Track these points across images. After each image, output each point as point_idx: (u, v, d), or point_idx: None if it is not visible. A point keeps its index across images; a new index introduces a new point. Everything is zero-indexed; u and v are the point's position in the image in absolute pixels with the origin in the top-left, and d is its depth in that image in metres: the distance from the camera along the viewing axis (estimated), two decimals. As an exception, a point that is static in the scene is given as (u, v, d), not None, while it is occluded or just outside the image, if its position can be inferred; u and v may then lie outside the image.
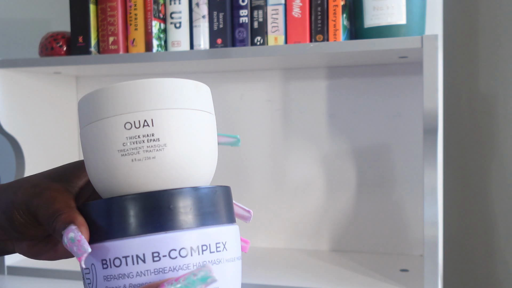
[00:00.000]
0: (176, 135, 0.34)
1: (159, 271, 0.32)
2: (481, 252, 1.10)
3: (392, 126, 1.01)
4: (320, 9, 0.87)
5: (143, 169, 0.34)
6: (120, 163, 0.34)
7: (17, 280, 0.95)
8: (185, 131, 0.35)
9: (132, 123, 0.34)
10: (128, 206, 0.33)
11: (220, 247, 0.34)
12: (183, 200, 0.34)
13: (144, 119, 0.34)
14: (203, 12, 0.92)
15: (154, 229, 0.33)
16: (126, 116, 0.34)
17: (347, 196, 1.04)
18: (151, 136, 0.34)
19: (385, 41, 0.80)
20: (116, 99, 0.34)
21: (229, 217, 0.37)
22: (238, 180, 1.09)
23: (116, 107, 0.34)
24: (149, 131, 0.34)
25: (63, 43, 1.00)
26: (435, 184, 0.78)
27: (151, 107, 0.34)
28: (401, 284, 0.84)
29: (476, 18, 1.09)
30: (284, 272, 0.91)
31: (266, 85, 1.07)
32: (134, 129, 0.34)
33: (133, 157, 0.34)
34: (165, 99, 0.34)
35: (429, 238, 0.78)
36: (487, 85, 1.06)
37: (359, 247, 1.04)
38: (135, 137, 0.34)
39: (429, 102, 0.76)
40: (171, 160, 0.34)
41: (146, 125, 0.34)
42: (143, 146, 0.34)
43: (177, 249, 0.33)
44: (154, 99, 0.34)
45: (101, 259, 0.33)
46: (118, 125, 0.34)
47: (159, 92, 0.34)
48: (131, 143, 0.34)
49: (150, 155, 0.34)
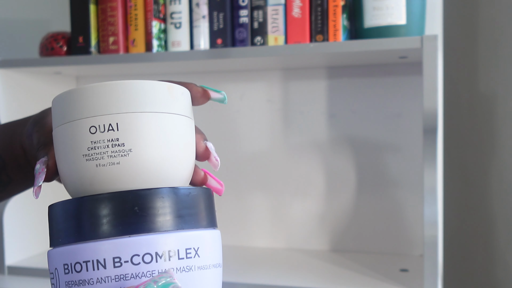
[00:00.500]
0: (142, 140, 0.33)
1: (120, 277, 0.30)
2: (481, 252, 1.10)
3: (392, 126, 1.01)
4: (320, 9, 0.87)
5: (107, 174, 0.33)
6: (85, 167, 0.33)
7: (17, 280, 0.95)
8: (154, 136, 0.33)
9: (97, 127, 0.33)
10: (87, 208, 0.32)
11: (191, 253, 0.32)
12: (149, 202, 0.32)
13: (109, 123, 0.32)
14: (203, 12, 0.92)
15: (116, 232, 0.31)
16: (91, 119, 0.33)
17: (347, 196, 1.04)
18: (116, 141, 0.32)
19: (385, 41, 0.80)
20: (83, 102, 0.33)
21: (206, 221, 0.34)
22: (237, 180, 1.09)
23: (83, 110, 0.33)
24: (114, 136, 0.32)
25: (63, 43, 1.00)
26: (435, 184, 0.78)
27: (116, 110, 0.33)
28: (401, 284, 0.84)
29: (476, 18, 1.09)
30: (284, 272, 0.91)
31: (266, 85, 1.07)
32: (99, 133, 0.32)
33: (97, 162, 0.33)
34: (132, 102, 0.33)
35: (429, 238, 0.78)
36: (487, 85, 1.06)
37: (359, 247, 1.04)
38: (99, 141, 0.32)
39: (429, 102, 0.76)
40: (137, 166, 0.33)
41: (111, 129, 0.32)
42: (107, 151, 0.32)
43: (140, 255, 0.30)
44: (120, 102, 0.33)
45: (63, 264, 0.32)
46: (84, 129, 0.33)
47: (126, 95, 0.33)
48: (96, 148, 0.33)
49: (115, 161, 0.32)
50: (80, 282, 0.31)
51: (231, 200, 1.10)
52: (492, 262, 1.05)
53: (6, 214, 0.98)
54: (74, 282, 0.31)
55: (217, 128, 1.10)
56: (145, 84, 0.34)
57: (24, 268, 0.98)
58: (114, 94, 0.33)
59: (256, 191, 1.09)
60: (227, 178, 1.10)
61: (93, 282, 0.31)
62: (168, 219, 0.32)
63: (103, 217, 0.31)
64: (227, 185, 1.10)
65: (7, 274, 0.98)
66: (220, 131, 1.10)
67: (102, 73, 1.12)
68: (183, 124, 0.35)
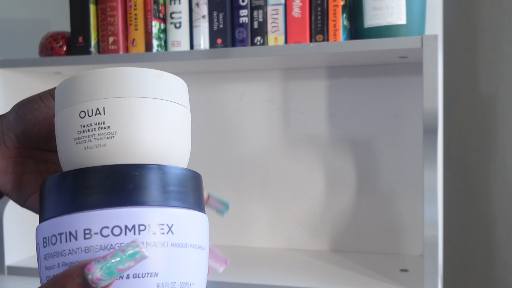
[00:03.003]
0: (128, 123, 0.34)
1: (89, 249, 0.31)
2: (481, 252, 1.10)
3: (392, 126, 1.01)
4: (320, 9, 0.87)
5: (95, 156, 0.34)
6: (75, 151, 0.34)
7: (17, 280, 0.95)
8: (139, 120, 0.34)
9: (85, 112, 0.34)
10: (62, 184, 0.33)
11: (164, 229, 0.32)
12: (122, 177, 0.32)
13: (97, 107, 0.34)
14: (203, 12, 0.92)
15: (87, 206, 0.32)
16: (81, 105, 0.34)
17: (347, 196, 1.04)
18: (102, 124, 0.34)
19: (385, 41, 0.80)
20: (74, 89, 0.35)
21: (185, 202, 0.35)
22: (237, 179, 1.09)
23: (74, 97, 0.35)
24: (100, 119, 0.34)
25: (63, 43, 1.00)
26: (435, 184, 0.78)
27: (103, 95, 0.34)
28: (401, 284, 0.84)
29: (476, 18, 1.09)
30: (284, 272, 0.91)
31: (266, 85, 1.07)
32: (87, 117, 0.34)
33: (85, 145, 0.34)
34: (118, 88, 0.34)
35: (429, 238, 0.78)
36: (487, 85, 1.06)
37: (359, 247, 1.04)
38: (88, 125, 0.34)
39: (429, 102, 0.76)
40: (122, 148, 0.34)
41: (98, 113, 0.34)
42: (94, 134, 0.34)
43: (110, 227, 0.31)
44: (107, 88, 0.34)
45: (42, 238, 0.33)
46: (74, 114, 0.35)
47: (114, 81, 0.34)
48: (84, 131, 0.34)
49: (101, 143, 0.34)
50: (55, 254, 0.32)
51: (231, 200, 1.10)
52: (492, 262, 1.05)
53: (6, 214, 0.98)
54: (50, 255, 0.32)
55: (217, 128, 1.10)
56: (133, 71, 0.35)
57: (23, 268, 0.97)
58: (103, 81, 0.35)
59: (256, 191, 1.09)
60: (227, 178, 1.10)
61: (65, 253, 0.32)
62: (141, 195, 0.33)
63: (76, 192, 0.32)
64: (227, 185, 1.10)
65: (7, 274, 0.98)
66: (220, 131, 1.10)
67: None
68: (172, 110, 0.36)
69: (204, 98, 1.10)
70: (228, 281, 0.86)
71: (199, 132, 1.11)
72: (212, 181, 1.11)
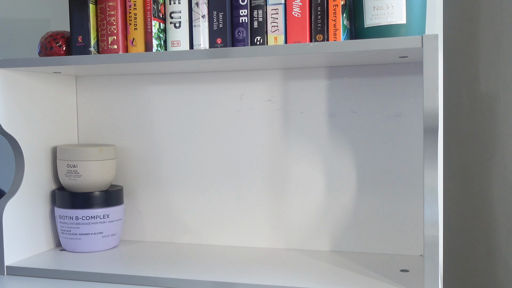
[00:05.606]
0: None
1: None
2: (481, 252, 1.10)
3: (392, 126, 1.01)
4: (320, 9, 0.87)
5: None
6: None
7: (17, 280, 0.95)
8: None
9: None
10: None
11: None
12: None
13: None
14: (203, 11, 0.92)
15: None
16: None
17: (347, 196, 1.04)
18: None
19: (385, 41, 0.80)
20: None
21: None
22: (237, 180, 1.09)
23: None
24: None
25: (63, 43, 1.00)
26: (435, 184, 0.78)
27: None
28: (401, 284, 0.84)
29: (476, 18, 1.09)
30: (284, 272, 0.91)
31: (266, 85, 1.07)
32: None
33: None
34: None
35: (429, 238, 0.78)
36: (487, 85, 1.06)
37: (359, 247, 1.04)
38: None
39: (429, 102, 0.76)
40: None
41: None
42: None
43: None
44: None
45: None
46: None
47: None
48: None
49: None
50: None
51: (231, 200, 1.10)
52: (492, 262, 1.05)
53: (5, 214, 0.98)
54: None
55: (217, 128, 1.10)
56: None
57: (23, 268, 0.97)
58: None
59: (256, 191, 1.09)
60: (227, 178, 1.10)
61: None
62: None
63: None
64: (227, 185, 1.10)
65: (6, 274, 0.98)
66: (220, 131, 1.10)
67: (102, 73, 1.12)
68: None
69: (204, 98, 1.10)
70: (228, 281, 0.86)
71: (199, 132, 1.11)
72: (212, 181, 1.11)
